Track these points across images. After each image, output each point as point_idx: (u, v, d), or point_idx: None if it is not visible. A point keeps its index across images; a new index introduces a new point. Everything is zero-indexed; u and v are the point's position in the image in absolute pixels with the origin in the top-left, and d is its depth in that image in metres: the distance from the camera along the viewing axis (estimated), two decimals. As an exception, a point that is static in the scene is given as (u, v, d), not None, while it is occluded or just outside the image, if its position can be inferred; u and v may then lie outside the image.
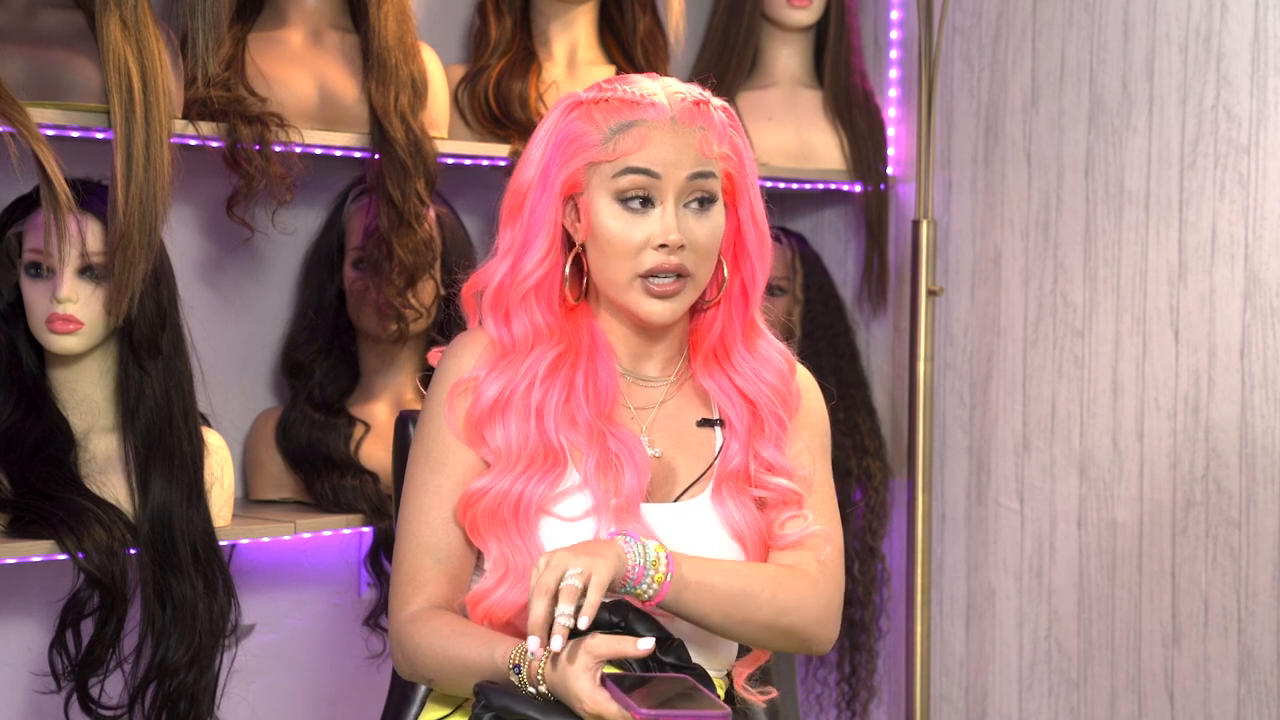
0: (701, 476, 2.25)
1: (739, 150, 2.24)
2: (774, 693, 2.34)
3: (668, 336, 2.28)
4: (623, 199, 2.18)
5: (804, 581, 2.21)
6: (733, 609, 2.15)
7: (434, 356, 2.32)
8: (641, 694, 1.98)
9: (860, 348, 3.64)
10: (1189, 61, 3.26)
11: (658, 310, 2.19)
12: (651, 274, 2.18)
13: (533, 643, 1.99)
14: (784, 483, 2.24)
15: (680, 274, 2.18)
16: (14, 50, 2.60)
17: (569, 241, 2.24)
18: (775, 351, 2.29)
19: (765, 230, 2.26)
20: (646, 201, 2.18)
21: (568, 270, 2.23)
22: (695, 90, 2.23)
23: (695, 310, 2.29)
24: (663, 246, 2.17)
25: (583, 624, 1.98)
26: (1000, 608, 3.50)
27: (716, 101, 2.23)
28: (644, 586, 2.08)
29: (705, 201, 2.19)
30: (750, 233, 2.25)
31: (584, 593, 2.00)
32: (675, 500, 2.23)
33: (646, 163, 2.17)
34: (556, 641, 1.98)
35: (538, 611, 1.99)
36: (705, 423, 2.27)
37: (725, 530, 2.22)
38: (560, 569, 2.01)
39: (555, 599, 2.00)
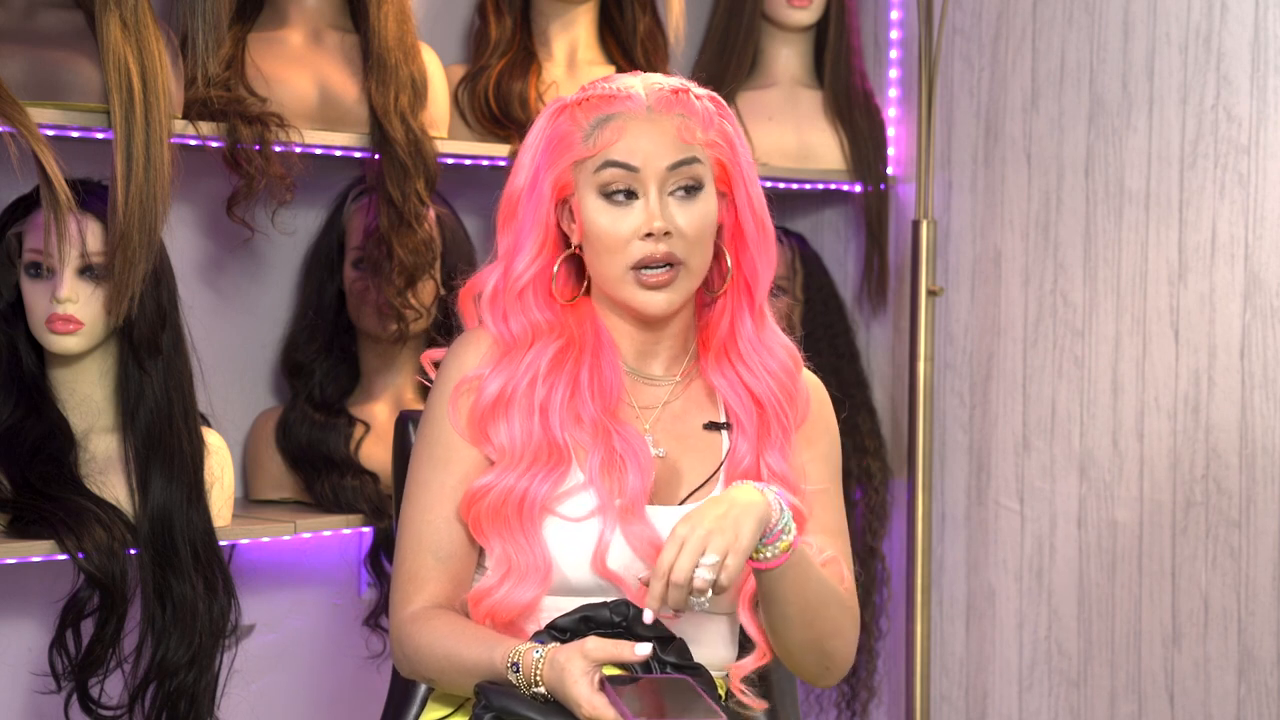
0: (709, 480, 2.24)
1: (729, 138, 2.23)
2: (765, 704, 2.33)
3: (672, 333, 2.27)
4: (606, 193, 2.19)
5: (847, 615, 2.23)
6: (809, 610, 2.16)
7: (427, 358, 2.32)
8: (640, 698, 1.97)
9: (860, 348, 3.64)
10: (1189, 61, 3.26)
11: (654, 301, 2.19)
12: (642, 265, 2.18)
13: (647, 615, 2.02)
14: (789, 498, 2.22)
15: (670, 263, 2.18)
16: (14, 50, 2.60)
17: (567, 244, 2.24)
18: (780, 346, 2.28)
19: (766, 220, 2.25)
20: (630, 194, 2.18)
21: (555, 270, 2.23)
22: (676, 80, 2.24)
23: (701, 305, 2.29)
24: (649, 236, 2.17)
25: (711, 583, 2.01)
26: (1000, 608, 3.50)
27: (700, 90, 2.23)
28: (768, 551, 2.08)
29: (691, 188, 2.19)
30: (749, 222, 2.24)
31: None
32: (681, 503, 2.22)
33: (624, 156, 2.17)
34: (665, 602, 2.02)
35: (655, 592, 2.01)
36: (712, 426, 2.27)
37: None
38: (695, 553, 2.00)
39: (677, 588, 2.01)
